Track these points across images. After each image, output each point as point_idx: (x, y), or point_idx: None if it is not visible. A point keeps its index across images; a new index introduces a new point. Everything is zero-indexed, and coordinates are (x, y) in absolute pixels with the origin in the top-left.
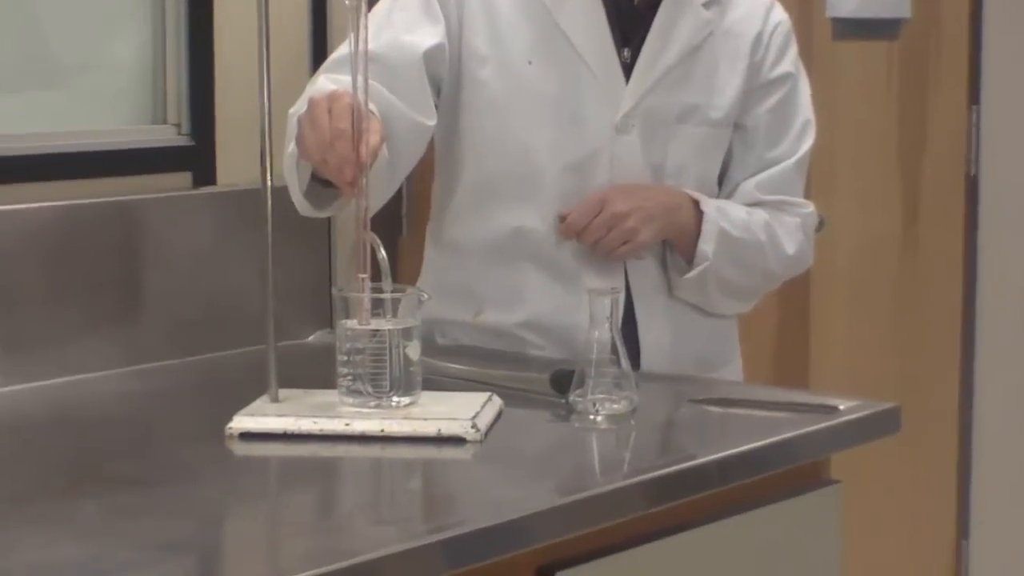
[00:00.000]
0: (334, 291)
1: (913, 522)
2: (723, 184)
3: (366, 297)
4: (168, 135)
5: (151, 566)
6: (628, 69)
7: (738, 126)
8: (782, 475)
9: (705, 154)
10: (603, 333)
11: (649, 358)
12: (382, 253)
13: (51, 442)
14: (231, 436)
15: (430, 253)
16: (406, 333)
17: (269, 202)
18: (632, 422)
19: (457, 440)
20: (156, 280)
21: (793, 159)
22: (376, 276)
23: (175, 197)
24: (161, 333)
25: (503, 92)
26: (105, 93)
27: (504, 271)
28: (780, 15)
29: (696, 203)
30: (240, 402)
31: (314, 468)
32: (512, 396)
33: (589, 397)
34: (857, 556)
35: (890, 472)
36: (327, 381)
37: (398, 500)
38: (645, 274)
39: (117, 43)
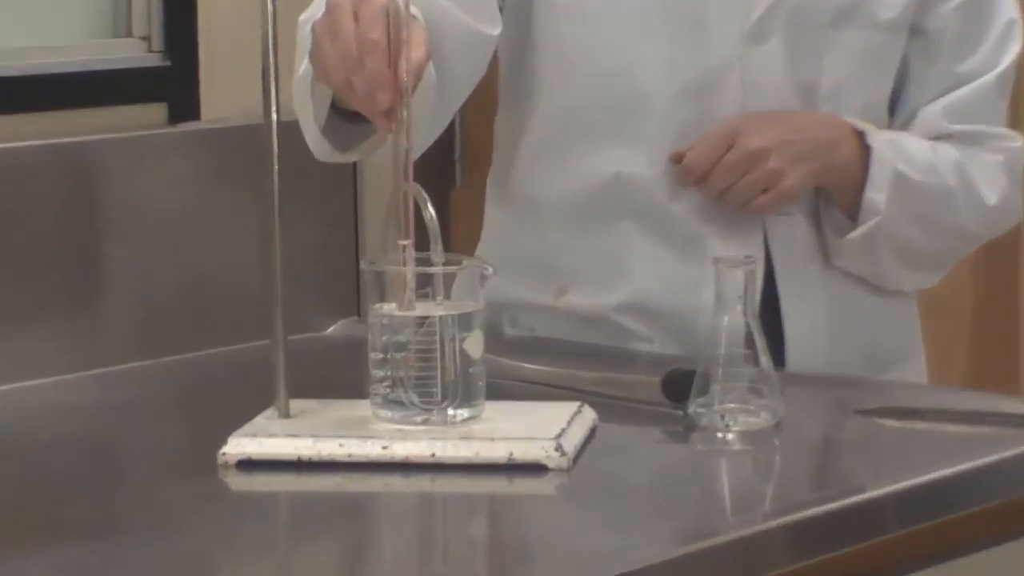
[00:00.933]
0: (363, 265)
1: None
2: (896, 111)
3: (409, 272)
4: (135, 52)
5: None
6: None
7: (916, 30)
8: (982, 514)
9: (871, 69)
10: (734, 319)
11: (798, 353)
12: (430, 211)
13: None
14: (225, 465)
15: (494, 212)
16: (464, 321)
17: (275, 143)
18: (776, 441)
19: (535, 468)
20: (120, 252)
21: (993, 75)
22: (422, 244)
23: (144, 137)
24: (128, 325)
25: None
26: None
27: (597, 235)
28: None
29: (861, 136)
30: (237, 418)
31: (339, 508)
32: (610, 407)
33: (716, 407)
34: None
35: None
36: (355, 388)
37: (454, 552)
38: (792, 236)
39: None
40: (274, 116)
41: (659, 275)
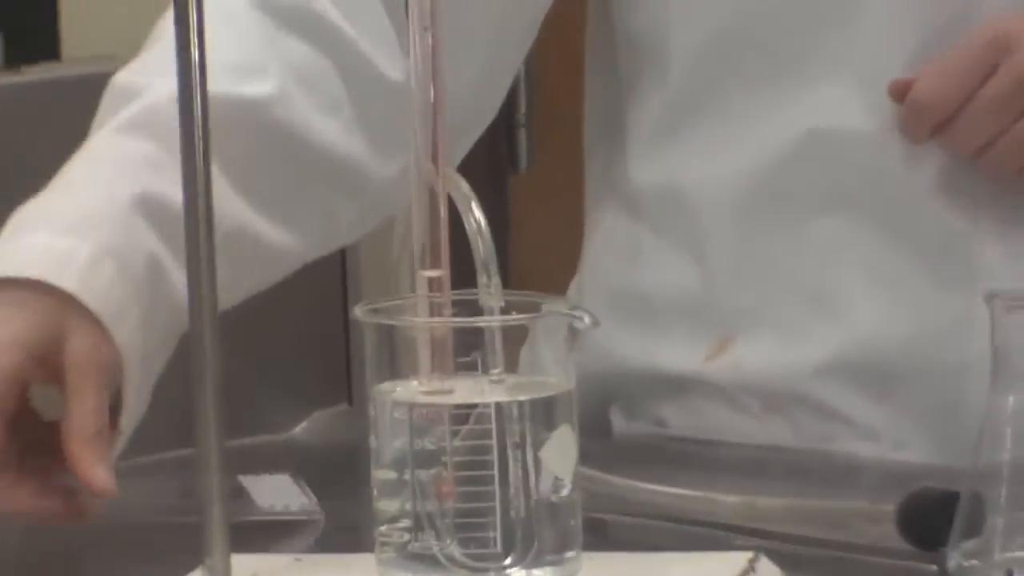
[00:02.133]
0: (356, 312)
1: None
2: None
3: (443, 324)
4: None
5: None
6: None
7: None
8: None
9: None
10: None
11: None
12: (476, 216)
13: None
14: None
15: (601, 216)
16: (544, 411)
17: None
18: None
19: None
20: None
21: None
22: (465, 278)
23: None
24: None
25: None
26: None
27: (783, 245)
28: None
29: None
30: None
31: None
32: (810, 558)
33: (997, 558)
34: None
35: None
36: (348, 533)
37: None
38: None
39: None
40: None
41: (896, 310)
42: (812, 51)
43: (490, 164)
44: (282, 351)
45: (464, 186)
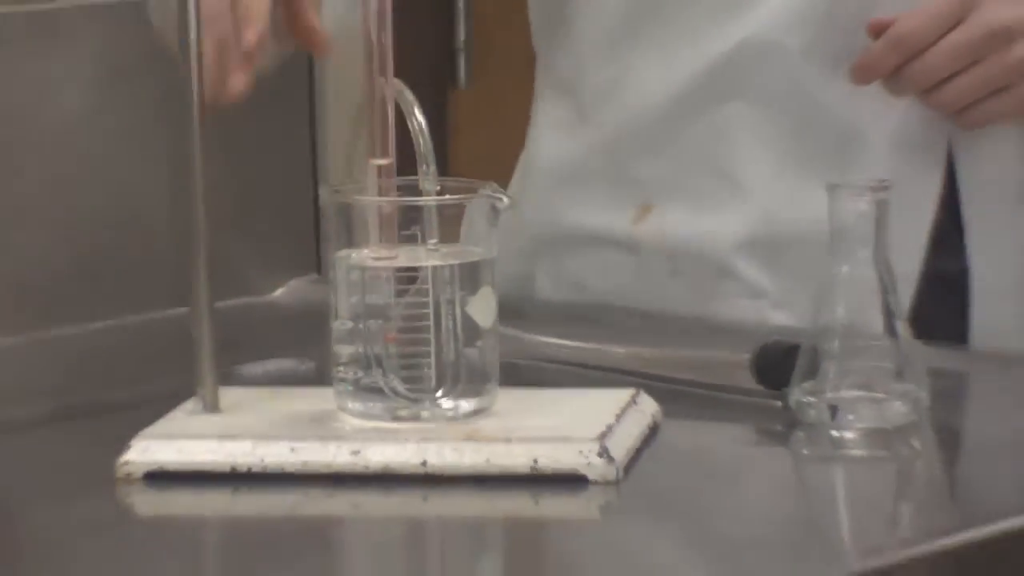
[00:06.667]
0: (322, 192)
1: None
2: None
3: (389, 203)
4: None
5: None
6: None
7: None
8: None
9: None
10: (859, 269)
11: (985, 326)
12: (418, 119)
13: None
14: (128, 479)
15: (545, 103)
16: (470, 274)
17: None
18: (916, 444)
19: (570, 480)
20: None
21: None
22: (408, 166)
23: None
24: None
25: None
26: None
27: (703, 128)
28: None
29: None
30: (145, 414)
31: (291, 539)
32: (680, 396)
33: (829, 396)
34: None
35: None
36: (313, 372)
37: None
38: (994, 160)
39: None
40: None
41: (799, 192)
42: None
43: (432, 79)
44: (261, 227)
45: (408, 94)
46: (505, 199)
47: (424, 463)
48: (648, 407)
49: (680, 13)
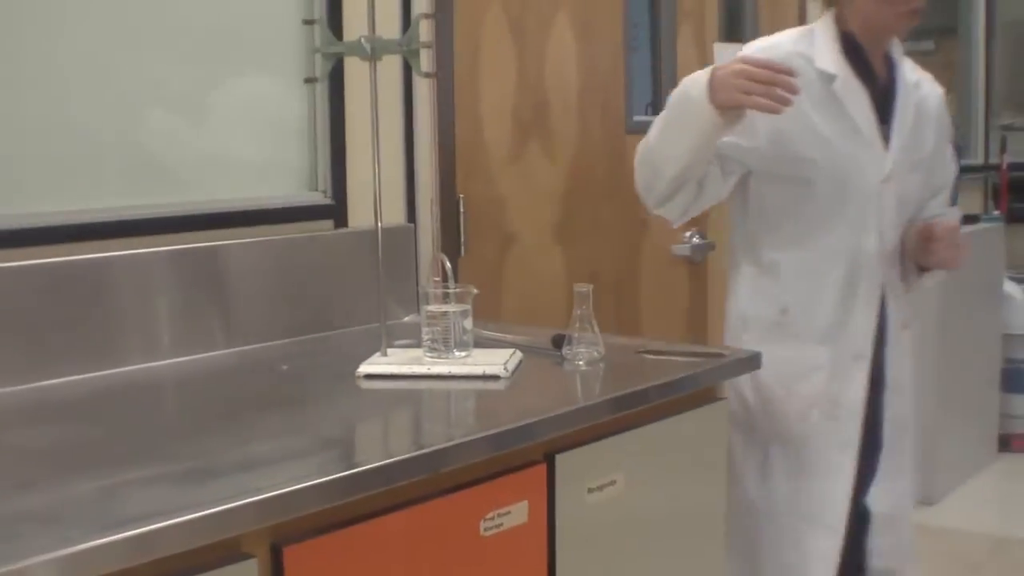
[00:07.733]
0: (420, 288)
1: None
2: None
3: (438, 292)
4: (318, 198)
5: (312, 452)
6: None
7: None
8: (689, 396)
9: (921, 188)
10: (583, 313)
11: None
12: (448, 265)
13: (230, 390)
14: (359, 376)
15: (743, 271)
16: (463, 313)
17: (379, 235)
18: (601, 365)
19: (495, 378)
20: (304, 289)
21: (951, 181)
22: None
23: (322, 236)
24: (308, 314)
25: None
26: (281, 174)
27: (822, 289)
28: (939, 88)
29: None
30: (364, 359)
31: (409, 395)
32: (529, 351)
33: (575, 350)
34: None
35: None
36: (417, 343)
37: (459, 412)
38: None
39: (289, 151)
40: (379, 225)
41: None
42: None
43: (451, 251)
44: (398, 294)
45: (445, 257)
46: (475, 289)
47: (450, 372)
48: (519, 355)
49: (809, 229)
